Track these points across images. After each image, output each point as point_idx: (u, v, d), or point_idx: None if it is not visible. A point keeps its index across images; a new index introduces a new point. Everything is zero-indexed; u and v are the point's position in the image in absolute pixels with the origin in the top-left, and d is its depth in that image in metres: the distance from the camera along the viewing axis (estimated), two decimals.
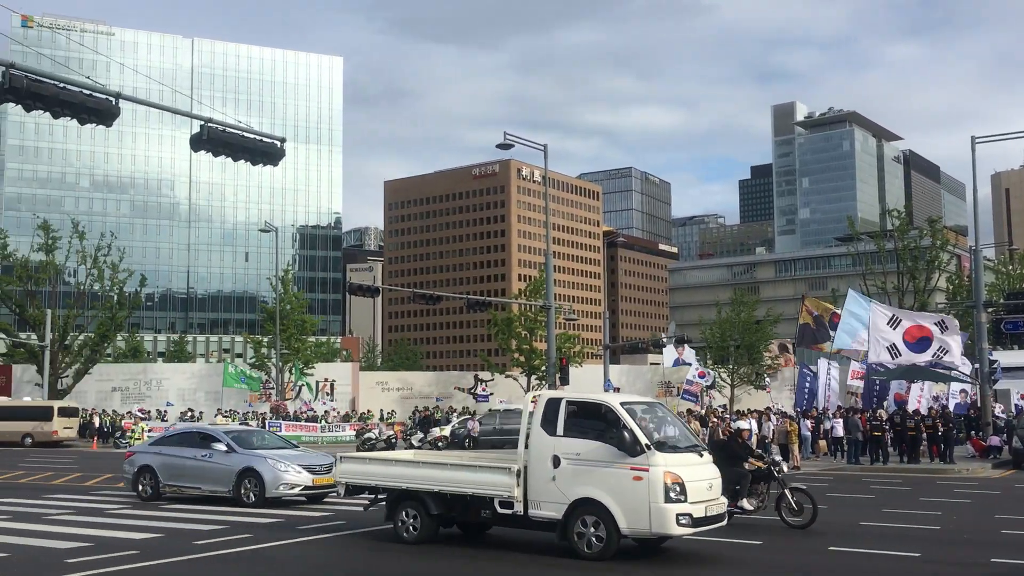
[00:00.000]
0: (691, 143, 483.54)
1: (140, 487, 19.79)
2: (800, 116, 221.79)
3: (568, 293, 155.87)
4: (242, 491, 18.52)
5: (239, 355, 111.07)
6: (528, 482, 12.64)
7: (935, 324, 29.31)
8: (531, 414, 13.08)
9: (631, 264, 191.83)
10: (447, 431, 41.58)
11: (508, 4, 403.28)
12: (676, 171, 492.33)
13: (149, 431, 43.30)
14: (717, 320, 64.03)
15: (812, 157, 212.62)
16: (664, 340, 52.71)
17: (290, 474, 18.56)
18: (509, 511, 12.70)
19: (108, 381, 59.73)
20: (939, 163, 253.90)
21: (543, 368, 49.88)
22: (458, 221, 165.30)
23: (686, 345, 59.56)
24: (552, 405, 12.87)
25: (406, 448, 35.84)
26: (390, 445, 36.70)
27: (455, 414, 50.94)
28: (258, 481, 18.39)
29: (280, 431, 47.09)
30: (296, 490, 18.53)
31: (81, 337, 57.09)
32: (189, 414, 52.08)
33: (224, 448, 19.14)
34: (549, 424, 12.70)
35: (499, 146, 34.90)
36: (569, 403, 12.85)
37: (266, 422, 48.30)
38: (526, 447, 12.82)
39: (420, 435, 36.54)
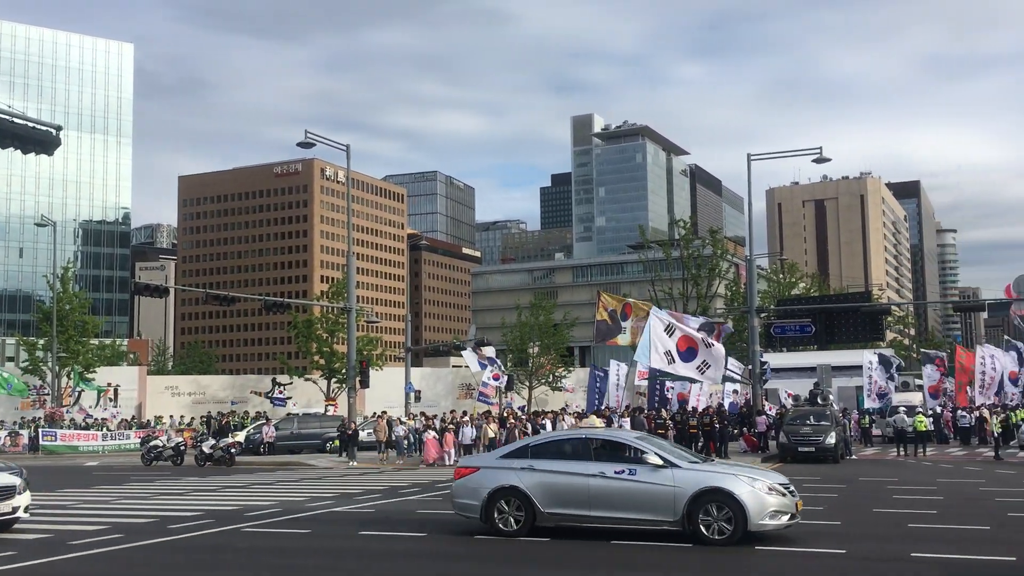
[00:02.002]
0: (495, 149, 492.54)
1: (500, 516, 14.15)
2: (597, 128, 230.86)
3: (371, 295, 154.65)
4: (701, 521, 13.17)
5: (10, 359, 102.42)
6: None
7: (702, 339, 31.40)
8: None
9: (435, 267, 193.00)
10: (241, 437, 40.30)
11: None
12: (480, 176, 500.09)
13: None
14: (517, 323, 65.62)
15: (608, 167, 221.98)
16: (464, 343, 53.32)
17: (774, 497, 13.35)
18: None
19: None
20: (721, 177, 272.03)
21: (344, 371, 49.26)
22: (258, 220, 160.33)
23: (485, 346, 60.47)
24: None
25: (196, 456, 34.42)
26: (179, 453, 35.08)
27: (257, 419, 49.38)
28: (733, 508, 13.06)
29: (56, 440, 44.11)
30: (784, 519, 13.36)
31: None
32: None
33: (658, 461, 13.70)
34: None
35: (300, 145, 34.36)
36: None
37: (39, 430, 44.93)
38: None
39: (212, 441, 35.14)
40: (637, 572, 11.84)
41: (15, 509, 15.22)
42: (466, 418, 35.48)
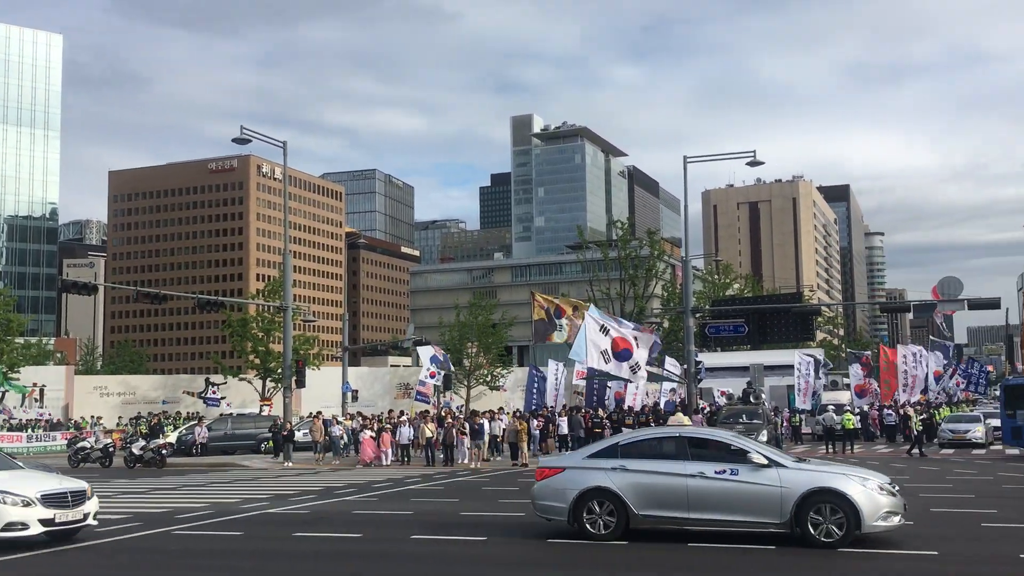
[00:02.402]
0: (434, 148, 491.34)
1: (589, 519, 13.56)
2: (537, 128, 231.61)
3: (308, 294, 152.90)
4: (811, 524, 12.62)
5: None
6: None
7: (633, 339, 31.76)
8: None
9: (373, 266, 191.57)
10: (172, 438, 39.53)
11: None
12: (419, 175, 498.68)
13: None
14: (456, 323, 65.45)
15: (547, 168, 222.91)
16: (402, 342, 53.12)
17: (886, 497, 12.86)
18: None
19: None
20: (658, 179, 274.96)
21: (279, 371, 48.63)
22: (192, 217, 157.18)
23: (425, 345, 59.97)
24: None
25: (126, 457, 33.66)
26: (107, 454, 34.24)
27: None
28: (845, 509, 12.51)
29: None
30: (895, 520, 12.91)
31: None
32: None
33: (762, 460, 13.10)
34: None
35: (235, 140, 33.94)
36: None
37: None
38: None
39: (142, 443, 34.38)
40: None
41: (86, 516, 14.12)
42: (404, 418, 35.37)
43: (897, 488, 13.30)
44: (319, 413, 37.34)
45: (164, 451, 33.65)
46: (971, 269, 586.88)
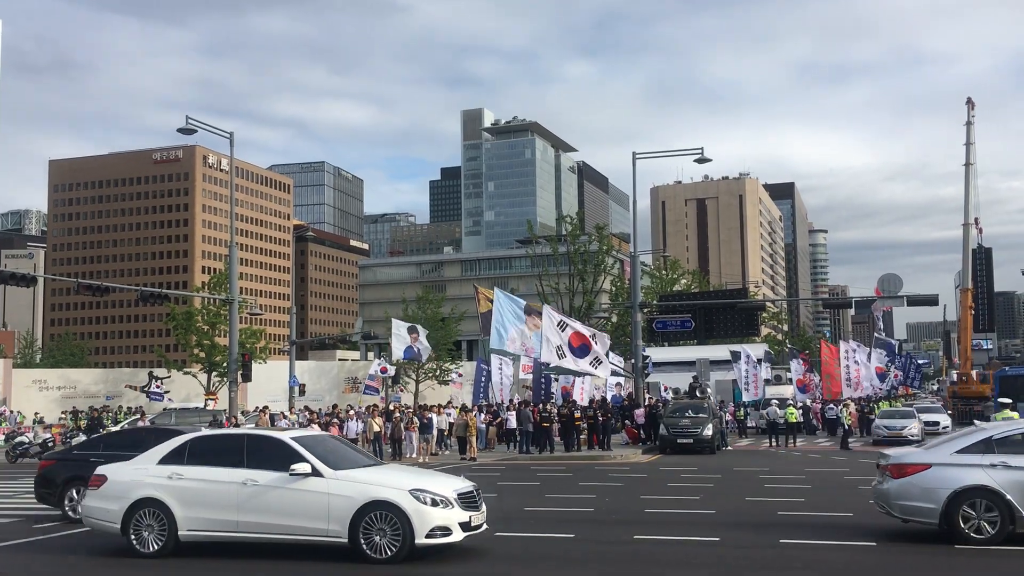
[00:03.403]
0: (384, 141, 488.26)
1: (965, 520, 12.16)
2: (487, 122, 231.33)
3: (255, 287, 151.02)
4: None
5: None
6: None
7: (592, 336, 32.05)
8: None
9: (321, 259, 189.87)
10: None
11: None
12: (369, 168, 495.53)
13: None
14: (403, 316, 65.13)
15: (497, 162, 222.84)
16: (351, 335, 52.72)
17: None
18: None
19: None
20: (608, 175, 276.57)
21: (225, 364, 48.01)
22: (136, 208, 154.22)
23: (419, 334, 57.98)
24: None
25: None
26: (46, 450, 33.46)
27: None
28: None
29: None
30: None
31: None
32: None
33: None
34: None
35: (180, 130, 33.52)
36: None
37: None
38: None
39: (82, 438, 33.63)
40: None
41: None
42: (352, 412, 35.18)
43: None
44: (265, 407, 36.96)
45: None
46: (913, 266, 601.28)
